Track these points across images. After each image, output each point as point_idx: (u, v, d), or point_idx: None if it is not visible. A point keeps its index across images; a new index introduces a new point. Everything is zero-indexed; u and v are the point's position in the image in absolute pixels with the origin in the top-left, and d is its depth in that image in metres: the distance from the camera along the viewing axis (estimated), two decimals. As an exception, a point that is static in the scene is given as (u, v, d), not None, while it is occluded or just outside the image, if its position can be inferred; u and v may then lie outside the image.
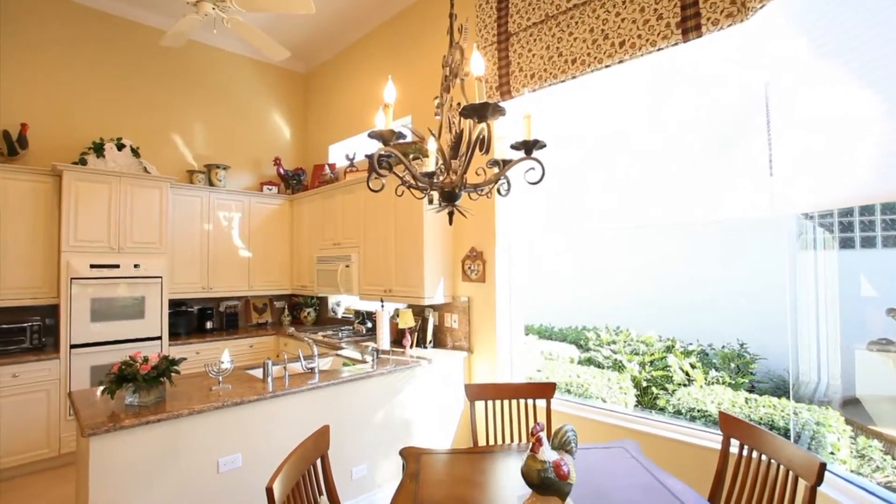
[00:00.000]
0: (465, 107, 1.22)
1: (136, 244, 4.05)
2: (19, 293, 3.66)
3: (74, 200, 3.77)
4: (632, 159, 2.72)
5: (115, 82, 4.45)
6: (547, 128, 3.10)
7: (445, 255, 3.66)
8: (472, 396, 2.44)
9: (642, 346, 4.93)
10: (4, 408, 3.38)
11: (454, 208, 1.47)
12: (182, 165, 4.83)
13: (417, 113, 4.10)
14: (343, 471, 2.77)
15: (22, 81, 3.98)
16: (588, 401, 3.43)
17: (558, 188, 3.08)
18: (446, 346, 3.72)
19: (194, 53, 4.94)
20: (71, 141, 4.17)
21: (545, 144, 1.45)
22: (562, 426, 1.63)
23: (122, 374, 2.17)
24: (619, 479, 1.77)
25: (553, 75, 2.92)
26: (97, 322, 3.80)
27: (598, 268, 6.19)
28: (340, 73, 5.25)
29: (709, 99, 2.39)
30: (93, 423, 1.99)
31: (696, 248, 5.41)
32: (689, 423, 2.95)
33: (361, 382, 2.91)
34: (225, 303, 5.06)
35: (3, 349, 3.58)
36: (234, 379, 2.72)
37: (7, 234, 3.61)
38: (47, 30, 4.11)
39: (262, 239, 5.06)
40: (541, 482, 1.46)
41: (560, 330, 6.01)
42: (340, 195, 4.41)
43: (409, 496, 1.64)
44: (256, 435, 2.45)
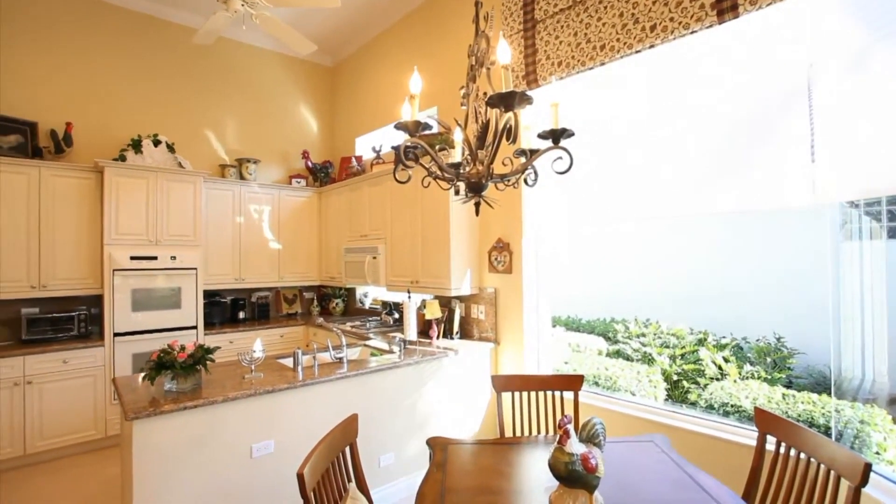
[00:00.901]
0: (492, 96, 1.21)
1: (172, 237, 4.19)
2: (67, 284, 3.85)
3: (115, 195, 3.93)
4: (663, 148, 2.64)
5: (150, 80, 4.59)
6: (575, 116, 3.04)
7: (472, 246, 3.65)
8: (499, 387, 2.44)
9: (673, 338, 4.82)
10: (56, 392, 3.59)
11: (481, 199, 1.46)
12: (214, 160, 4.97)
13: (443, 104, 4.09)
14: (371, 458, 2.82)
15: (66, 82, 4.16)
16: (616, 394, 3.39)
17: (587, 178, 3.02)
18: (473, 337, 3.73)
19: (224, 50, 5.05)
20: (111, 138, 4.34)
21: (573, 133, 1.42)
22: (590, 419, 1.62)
23: (160, 362, 2.26)
24: (648, 474, 1.74)
25: (581, 62, 2.85)
26: (138, 312, 3.97)
27: (628, 258, 6.06)
28: (366, 65, 5.27)
29: (745, 84, 2.29)
30: (135, 407, 2.09)
31: (730, 238, 5.23)
32: (722, 418, 2.87)
33: (389, 372, 2.95)
34: (256, 293, 5.20)
35: (54, 336, 3.78)
36: (265, 367, 2.79)
37: (56, 228, 3.80)
38: (86, 32, 4.27)
39: (292, 231, 5.16)
40: (568, 474, 1.45)
41: (588, 322, 5.92)
42: (367, 187, 4.45)
43: (437, 485, 1.66)
44: (287, 422, 2.52)
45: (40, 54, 4.05)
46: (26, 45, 3.99)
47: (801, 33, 2.09)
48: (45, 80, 4.06)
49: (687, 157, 2.53)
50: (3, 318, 3.81)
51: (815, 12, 2.03)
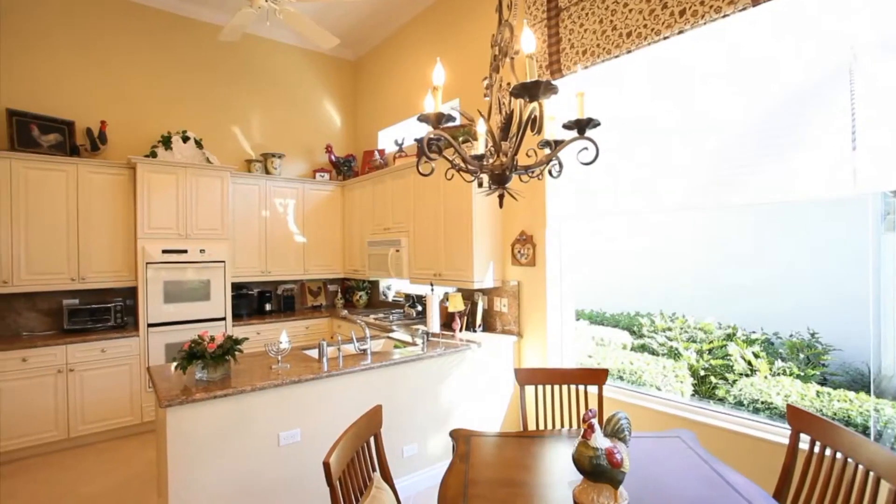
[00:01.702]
0: (516, 86, 1.19)
1: (201, 230, 4.31)
2: (104, 276, 4.01)
3: (147, 190, 4.05)
4: (694, 136, 2.56)
5: (178, 78, 4.70)
6: (599, 106, 2.98)
7: (495, 238, 3.64)
8: (523, 381, 2.44)
9: (700, 333, 4.71)
10: (96, 379, 3.75)
11: (504, 191, 1.44)
12: (240, 155, 5.07)
13: (466, 95, 4.06)
14: (394, 449, 2.86)
15: (100, 82, 4.30)
16: (641, 388, 3.33)
17: (613, 169, 2.96)
18: (496, 330, 3.72)
19: (249, 47, 5.12)
20: (142, 135, 4.47)
21: (599, 123, 1.39)
22: (615, 413, 1.60)
23: (192, 352, 2.33)
24: (674, 470, 1.71)
25: (606, 50, 2.79)
26: (169, 303, 4.10)
27: (653, 251, 5.93)
28: (388, 58, 5.28)
29: (780, 70, 2.20)
30: (168, 395, 2.16)
31: (760, 229, 5.05)
32: (752, 415, 2.80)
33: (412, 364, 2.98)
34: (282, 286, 5.30)
35: (93, 327, 3.95)
36: (291, 358, 2.85)
37: (93, 223, 3.96)
38: (117, 33, 4.39)
39: (316, 224, 5.24)
40: (593, 469, 1.44)
41: (612, 315, 5.84)
42: (390, 180, 4.47)
43: (460, 476, 1.67)
44: (313, 412, 2.57)
45: (76, 56, 4.19)
46: (64, 48, 4.13)
47: (841, 14, 1.99)
48: (81, 81, 4.21)
49: (719, 146, 2.45)
50: (46, 308, 4.00)
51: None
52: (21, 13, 3.96)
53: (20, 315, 3.92)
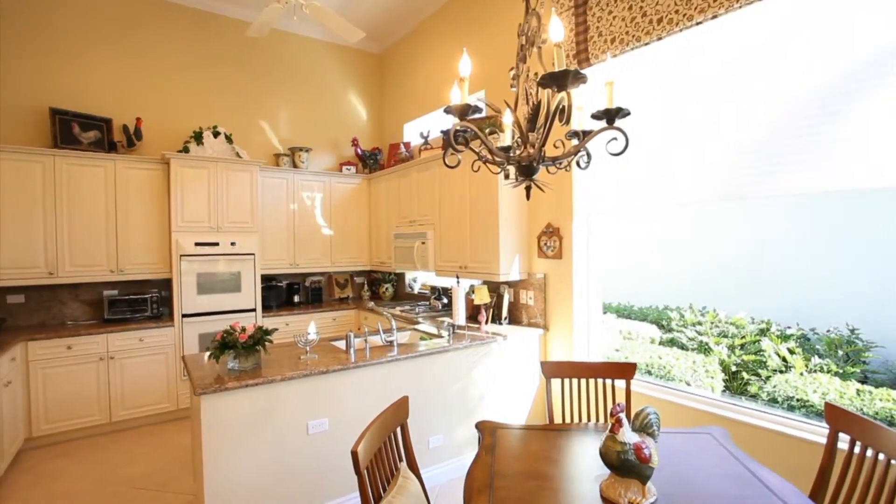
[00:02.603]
0: (544, 75, 1.17)
1: (231, 223, 4.42)
2: (141, 268, 4.17)
3: (180, 185, 4.18)
4: (727, 124, 2.47)
5: (208, 74, 4.81)
6: (628, 94, 2.91)
7: (521, 231, 3.61)
8: (549, 374, 2.42)
9: (732, 328, 4.57)
10: (134, 367, 3.92)
11: (532, 182, 1.43)
12: (269, 149, 5.16)
13: (491, 87, 4.03)
14: (420, 439, 2.89)
15: (135, 80, 4.44)
16: (670, 383, 3.27)
17: (642, 158, 2.90)
18: (521, 322, 3.71)
19: (276, 42, 5.19)
20: (175, 131, 4.60)
21: (629, 112, 1.36)
22: (643, 408, 1.57)
23: (224, 342, 2.40)
24: (705, 467, 1.68)
25: (636, 38, 2.71)
26: (202, 295, 4.23)
27: (683, 243, 5.78)
28: (413, 50, 5.27)
29: (822, 54, 2.10)
30: (203, 384, 2.24)
31: (797, 220, 4.85)
32: (787, 412, 2.71)
33: (438, 356, 2.99)
34: (310, 278, 5.40)
35: (131, 317, 4.12)
36: (319, 349, 2.91)
37: (130, 216, 4.11)
38: (150, 32, 4.52)
39: (342, 217, 5.30)
40: (620, 464, 1.43)
41: (640, 309, 5.73)
42: (415, 173, 4.48)
43: (486, 468, 1.67)
44: (341, 402, 2.62)
45: (114, 56, 4.34)
46: (102, 49, 4.28)
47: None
48: (117, 79, 4.35)
49: (756, 134, 2.36)
50: (88, 299, 4.19)
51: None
52: (63, 18, 4.12)
53: (65, 305, 4.11)
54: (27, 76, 3.99)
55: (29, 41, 3.99)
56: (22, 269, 3.72)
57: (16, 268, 3.70)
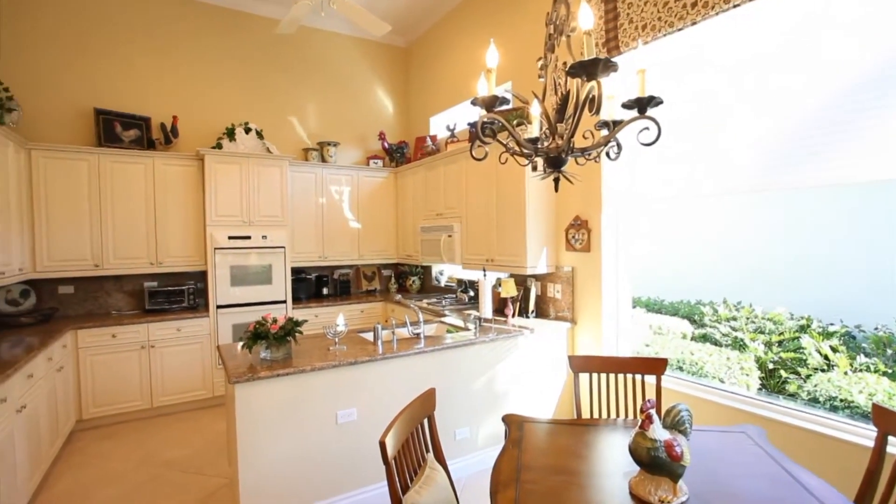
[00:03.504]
0: (574, 64, 1.14)
1: (262, 217, 4.53)
2: (178, 260, 4.33)
3: (214, 180, 4.30)
4: (766, 111, 2.37)
5: (239, 72, 4.92)
6: (659, 83, 2.82)
7: (548, 223, 3.57)
8: (577, 368, 2.39)
9: (769, 323, 4.40)
10: (173, 355, 4.08)
11: (560, 174, 1.41)
12: (298, 144, 5.25)
13: (518, 79, 3.97)
14: (447, 431, 2.91)
15: (171, 79, 4.58)
16: (703, 380, 3.18)
17: (675, 147, 2.81)
18: (549, 316, 3.67)
19: (304, 38, 5.26)
20: (209, 128, 4.74)
21: (661, 101, 1.32)
22: (675, 405, 1.54)
23: (257, 332, 2.47)
24: (740, 467, 1.63)
25: (668, 24, 2.62)
26: (235, 286, 4.37)
27: (717, 235, 5.58)
28: (439, 43, 5.25)
29: (879, 32, 1.98)
30: (237, 372, 2.31)
31: (841, 211, 4.60)
32: (829, 413, 2.60)
33: (464, 349, 3.00)
34: (338, 271, 5.49)
35: (169, 307, 4.29)
36: (347, 340, 2.96)
37: (168, 211, 4.27)
38: (184, 33, 4.65)
39: (370, 211, 5.36)
40: (651, 461, 1.40)
41: (671, 303, 5.58)
42: (442, 166, 4.48)
43: (512, 461, 1.67)
44: (369, 392, 2.66)
45: (151, 57, 4.49)
46: (140, 50, 4.44)
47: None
48: (155, 79, 4.51)
49: (799, 121, 2.25)
50: (130, 290, 4.38)
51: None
52: (105, 23, 4.29)
53: (110, 296, 4.32)
54: (73, 79, 4.17)
55: (74, 46, 4.18)
56: (71, 262, 3.92)
57: (65, 260, 3.90)
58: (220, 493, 2.84)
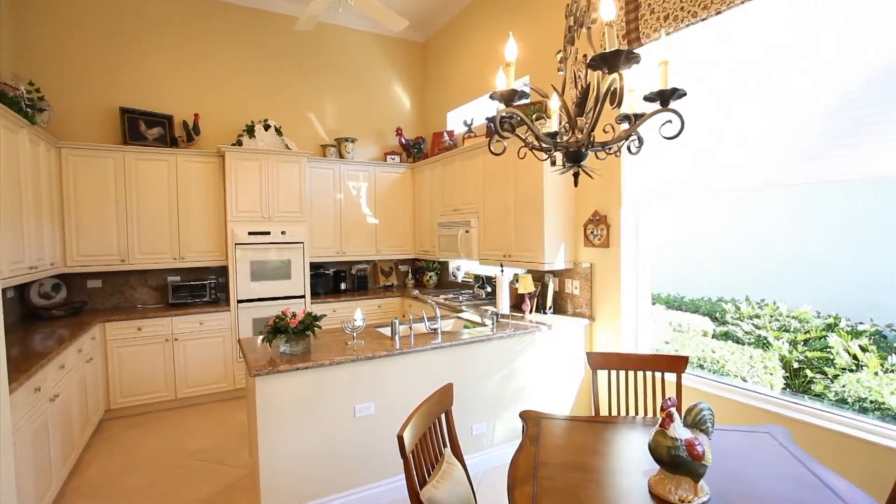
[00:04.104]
0: (594, 56, 1.13)
1: (281, 213, 4.59)
2: (200, 256, 4.41)
3: (234, 176, 4.37)
4: (793, 100, 2.30)
5: (258, 69, 4.98)
6: (683, 74, 2.76)
7: (566, 219, 3.53)
8: (595, 365, 2.37)
9: (794, 322, 4.29)
10: (196, 348, 4.18)
11: (580, 169, 1.39)
12: (316, 140, 5.30)
13: (535, 73, 3.93)
14: (464, 427, 2.92)
15: (192, 78, 4.66)
16: (724, 378, 3.12)
17: (696, 142, 2.75)
18: (566, 312, 3.65)
19: (322, 35, 5.29)
20: (229, 125, 4.81)
21: (685, 93, 1.29)
22: (696, 403, 1.51)
23: (276, 327, 2.51)
24: (763, 468, 1.60)
25: (692, 13, 2.56)
26: (255, 281, 4.44)
27: (739, 231, 5.45)
28: (456, 38, 5.22)
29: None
30: (257, 366, 2.35)
31: (872, 206, 4.44)
32: (858, 414, 2.53)
33: (482, 345, 3.00)
34: (356, 266, 5.54)
35: (192, 301, 4.38)
36: (365, 335, 2.99)
37: (191, 207, 4.36)
38: (204, 32, 4.72)
39: (387, 206, 5.38)
40: (671, 460, 1.38)
41: (691, 300, 5.48)
42: (459, 161, 4.47)
43: (530, 458, 1.67)
44: (386, 387, 2.68)
45: (173, 56, 4.57)
46: (163, 50, 4.52)
47: None
48: (177, 78, 4.59)
49: (827, 110, 2.18)
50: (154, 284, 4.49)
51: None
52: (129, 23, 4.38)
53: (135, 290, 4.43)
54: (100, 79, 4.28)
55: (101, 47, 4.28)
56: (99, 257, 4.04)
57: (94, 255, 4.02)
58: (242, 483, 2.90)
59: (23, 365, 2.38)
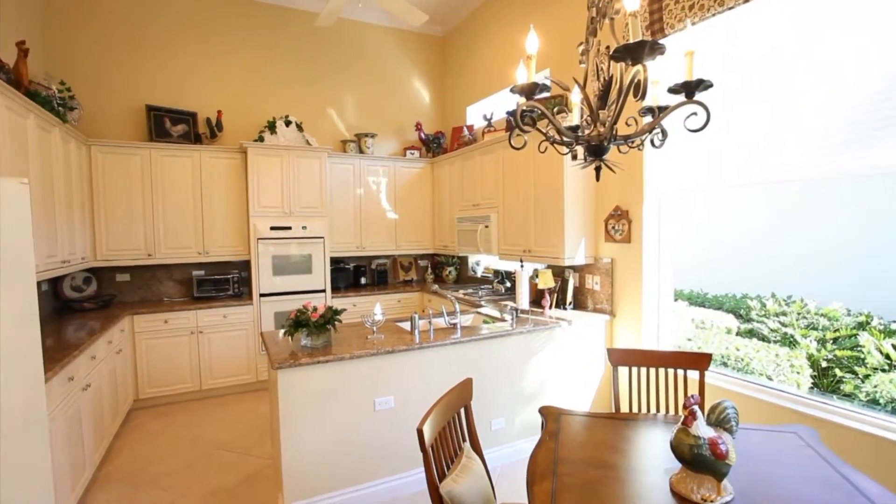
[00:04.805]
0: (618, 48, 1.10)
1: (302, 208, 4.64)
2: (223, 250, 4.51)
3: (257, 172, 4.44)
4: (826, 91, 2.22)
5: (279, 66, 5.04)
6: (708, 65, 2.69)
7: (587, 214, 3.49)
8: (615, 361, 2.35)
9: (823, 319, 4.16)
10: (219, 341, 4.28)
11: (602, 163, 1.37)
12: (336, 136, 5.34)
13: (555, 66, 3.88)
14: (483, 421, 2.93)
15: (215, 75, 4.75)
16: (749, 377, 3.06)
17: (720, 134, 2.68)
18: (586, 308, 3.61)
19: (342, 30, 5.31)
20: (251, 121, 4.88)
21: (711, 84, 1.26)
22: (720, 401, 1.48)
23: (298, 320, 2.55)
24: (789, 468, 1.56)
25: (719, 2, 2.49)
26: (277, 276, 4.51)
27: (765, 226, 5.29)
28: (475, 32, 5.19)
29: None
30: (279, 358, 2.40)
31: None
32: (890, 415, 2.44)
33: (501, 340, 3.00)
34: (375, 261, 5.58)
35: (216, 295, 4.48)
36: (385, 329, 3.01)
37: (214, 203, 4.45)
38: (227, 29, 4.79)
39: (407, 201, 5.40)
40: (693, 458, 1.36)
41: (715, 297, 5.36)
42: (479, 156, 4.45)
43: (549, 453, 1.66)
44: (406, 381, 2.70)
45: (197, 54, 4.66)
46: (187, 48, 4.61)
47: None
48: (200, 75, 4.68)
49: (853, 102, 2.10)
50: (180, 278, 4.61)
51: None
52: (154, 22, 4.47)
53: (161, 283, 4.56)
54: (127, 77, 4.39)
55: (128, 46, 4.38)
56: (127, 251, 4.16)
57: (122, 249, 4.15)
58: (264, 473, 2.97)
59: (57, 355, 2.47)
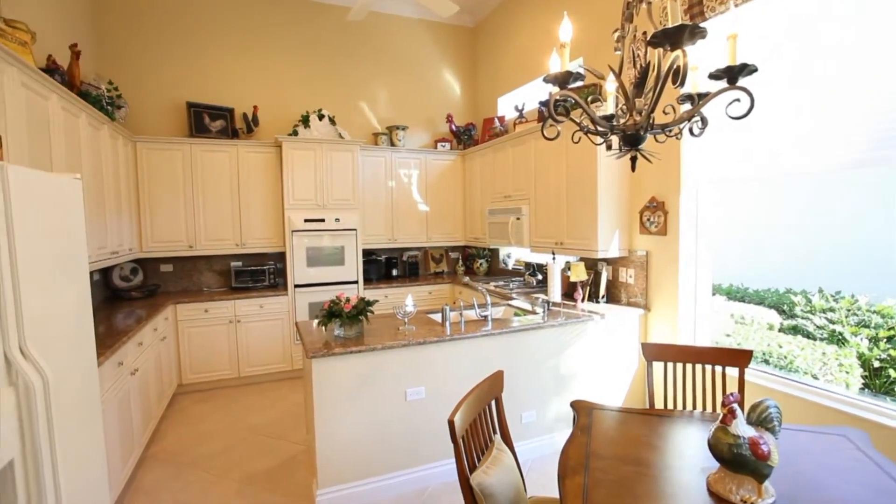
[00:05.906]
0: (657, 32, 1.07)
1: (335, 201, 4.72)
2: (260, 242, 4.64)
3: (291, 166, 4.54)
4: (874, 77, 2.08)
5: (312, 60, 5.11)
6: (751, 49, 2.56)
7: (621, 205, 3.41)
8: (650, 356, 2.29)
9: (876, 317, 3.93)
10: (256, 330, 4.42)
11: (637, 153, 1.33)
12: (368, 129, 5.39)
13: (588, 55, 3.78)
14: (514, 414, 2.92)
15: (251, 72, 4.86)
16: (793, 375, 2.93)
17: (764, 121, 2.55)
18: (620, 301, 3.54)
19: (373, 24, 5.34)
20: (285, 116, 4.98)
21: (756, 69, 1.20)
22: (762, 400, 1.43)
23: (331, 311, 2.61)
24: (838, 473, 1.49)
25: (767, -19, 2.36)
26: (311, 267, 4.61)
27: (812, 217, 5.02)
28: (506, 21, 5.11)
29: None
30: (313, 348, 2.46)
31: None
32: (951, 419, 2.29)
33: (532, 333, 2.98)
34: (407, 253, 5.62)
35: (253, 286, 4.63)
36: (416, 321, 3.04)
37: (250, 196, 4.58)
38: (261, 26, 4.89)
39: (438, 193, 5.41)
40: (732, 458, 1.32)
41: (756, 291, 5.15)
42: (510, 147, 4.41)
43: (581, 448, 1.65)
44: (436, 372, 2.73)
45: (234, 51, 4.78)
46: (224, 45, 4.74)
47: None
48: (237, 72, 4.80)
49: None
50: (218, 269, 4.78)
51: None
52: (194, 21, 4.62)
53: (202, 274, 4.74)
54: (169, 75, 4.55)
55: (170, 45, 4.54)
56: (170, 243, 4.35)
57: (165, 241, 4.33)
58: (300, 458, 3.07)
59: (108, 341, 2.61)
